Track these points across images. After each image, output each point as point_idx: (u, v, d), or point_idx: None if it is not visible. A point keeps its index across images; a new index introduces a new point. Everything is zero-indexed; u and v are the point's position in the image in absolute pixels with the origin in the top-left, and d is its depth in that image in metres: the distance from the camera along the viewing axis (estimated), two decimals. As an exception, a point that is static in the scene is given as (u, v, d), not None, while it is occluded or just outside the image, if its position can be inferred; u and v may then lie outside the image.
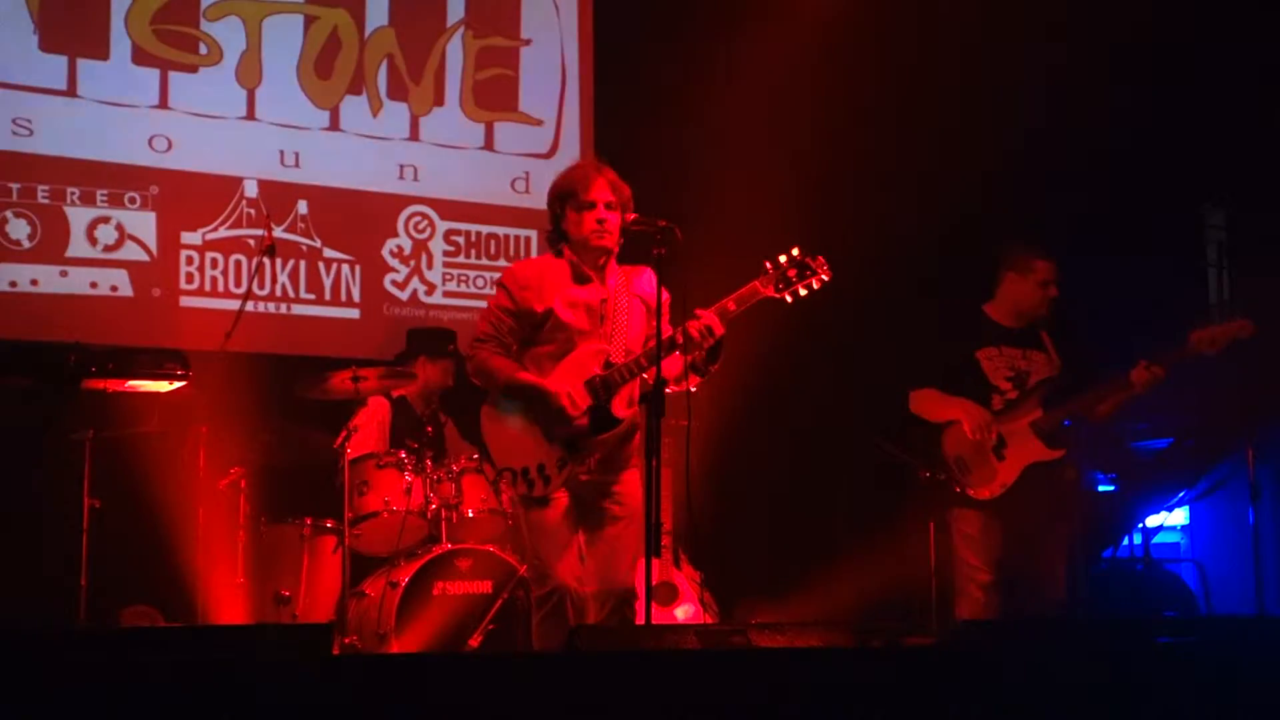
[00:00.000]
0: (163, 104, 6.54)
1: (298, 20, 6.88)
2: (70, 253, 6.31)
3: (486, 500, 5.90)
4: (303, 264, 6.79)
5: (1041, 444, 5.18)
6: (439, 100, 7.15)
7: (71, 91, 6.35)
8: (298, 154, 6.81)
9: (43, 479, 5.74)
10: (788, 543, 7.18)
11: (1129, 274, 6.75)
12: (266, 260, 6.18)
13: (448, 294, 7.13)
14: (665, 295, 4.23)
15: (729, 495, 6.50)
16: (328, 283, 6.84)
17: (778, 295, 4.34)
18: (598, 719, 2.80)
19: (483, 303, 6.05)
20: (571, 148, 7.34)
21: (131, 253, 6.43)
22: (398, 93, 7.04)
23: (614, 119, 7.41)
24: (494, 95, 7.29)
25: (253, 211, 6.63)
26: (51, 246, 6.28)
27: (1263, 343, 5.00)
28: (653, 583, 4.00)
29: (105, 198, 6.40)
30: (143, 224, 6.46)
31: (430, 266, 7.10)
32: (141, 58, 6.50)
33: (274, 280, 6.68)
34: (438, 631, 5.57)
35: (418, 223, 7.09)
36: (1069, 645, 3.48)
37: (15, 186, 6.22)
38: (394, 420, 6.28)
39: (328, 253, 6.85)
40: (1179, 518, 7.07)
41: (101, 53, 6.43)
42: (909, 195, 7.14)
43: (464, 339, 5.99)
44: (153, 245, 6.47)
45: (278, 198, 6.69)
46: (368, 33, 6.99)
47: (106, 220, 6.38)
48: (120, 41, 6.46)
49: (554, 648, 4.22)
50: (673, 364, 4.24)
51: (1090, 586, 6.10)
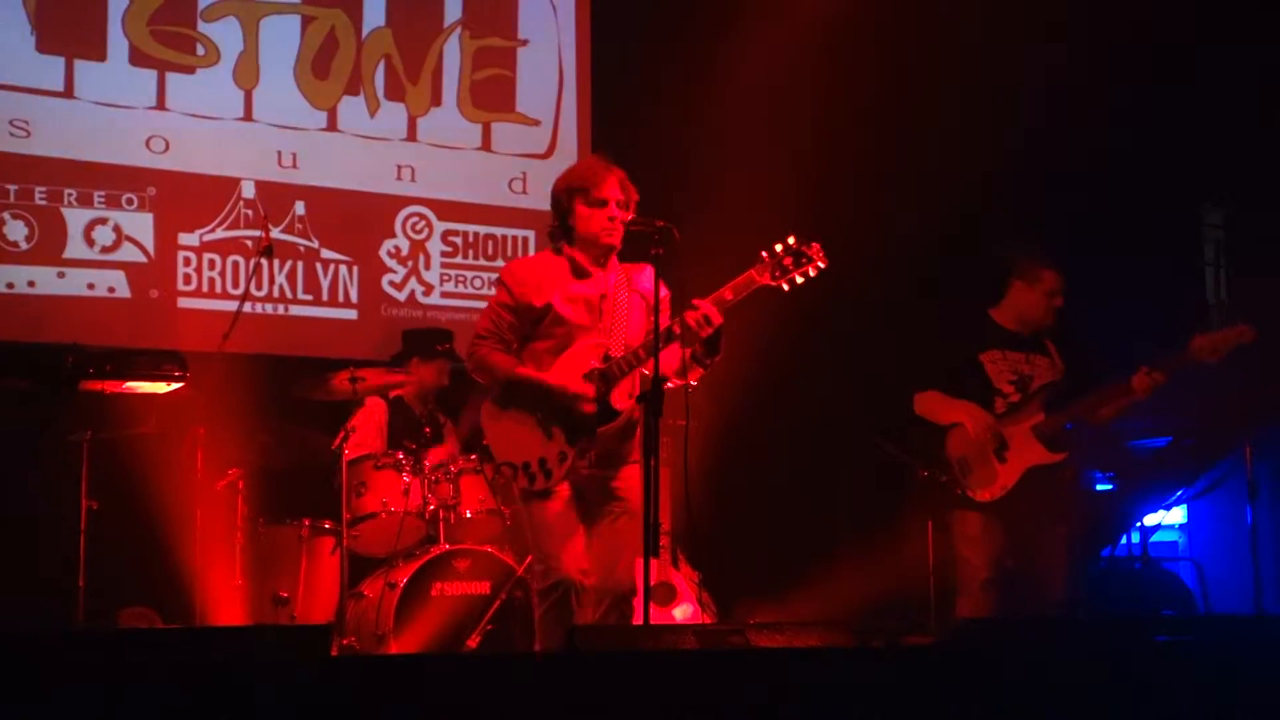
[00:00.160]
0: (160, 105, 6.54)
1: (295, 21, 6.87)
2: (68, 254, 6.31)
3: (484, 501, 5.91)
4: (300, 265, 6.78)
5: (1043, 447, 5.20)
6: (436, 101, 7.15)
7: (69, 93, 6.35)
8: (295, 155, 6.81)
9: (40, 480, 5.74)
10: (786, 542, 7.17)
11: (1127, 273, 6.74)
12: (264, 261, 6.17)
13: (445, 294, 7.12)
14: (665, 291, 4.22)
15: (728, 495, 6.48)
16: (325, 283, 6.84)
17: (774, 284, 4.29)
18: (596, 719, 2.80)
19: (481, 303, 6.06)
20: (569, 148, 7.33)
21: (129, 254, 6.42)
22: (395, 93, 7.04)
23: (612, 119, 7.40)
24: (491, 96, 7.28)
25: (250, 212, 6.63)
26: (49, 248, 6.27)
27: (1261, 343, 5.01)
28: (651, 583, 4.00)
29: (103, 199, 6.39)
30: (140, 225, 6.45)
31: (428, 267, 7.10)
32: (139, 59, 6.50)
33: (271, 281, 6.67)
34: (436, 632, 5.57)
35: (415, 223, 7.08)
36: (1068, 644, 3.47)
37: (13, 188, 6.22)
38: (391, 421, 6.28)
39: (325, 253, 6.85)
40: (1177, 516, 7.08)
41: (99, 54, 6.43)
42: (909, 195, 7.14)
43: (462, 339, 5.99)
44: (150, 246, 6.47)
45: (275, 198, 6.68)
46: (365, 33, 6.99)
47: (104, 221, 6.38)
48: (117, 43, 6.45)
49: (558, 642, 4.21)
50: (672, 357, 4.21)
51: (1088, 585, 6.10)
